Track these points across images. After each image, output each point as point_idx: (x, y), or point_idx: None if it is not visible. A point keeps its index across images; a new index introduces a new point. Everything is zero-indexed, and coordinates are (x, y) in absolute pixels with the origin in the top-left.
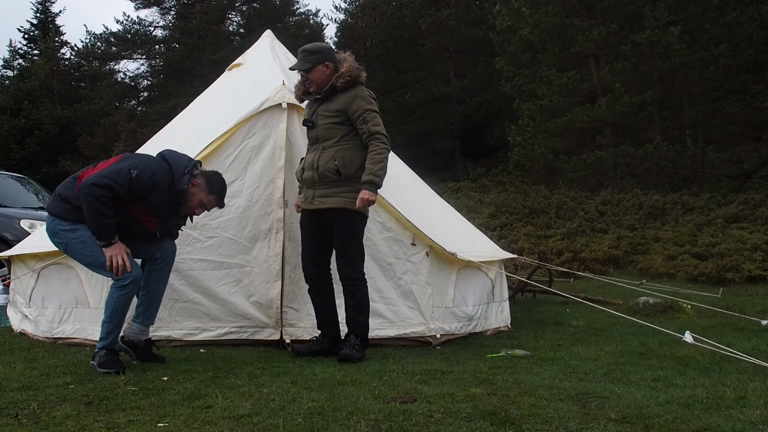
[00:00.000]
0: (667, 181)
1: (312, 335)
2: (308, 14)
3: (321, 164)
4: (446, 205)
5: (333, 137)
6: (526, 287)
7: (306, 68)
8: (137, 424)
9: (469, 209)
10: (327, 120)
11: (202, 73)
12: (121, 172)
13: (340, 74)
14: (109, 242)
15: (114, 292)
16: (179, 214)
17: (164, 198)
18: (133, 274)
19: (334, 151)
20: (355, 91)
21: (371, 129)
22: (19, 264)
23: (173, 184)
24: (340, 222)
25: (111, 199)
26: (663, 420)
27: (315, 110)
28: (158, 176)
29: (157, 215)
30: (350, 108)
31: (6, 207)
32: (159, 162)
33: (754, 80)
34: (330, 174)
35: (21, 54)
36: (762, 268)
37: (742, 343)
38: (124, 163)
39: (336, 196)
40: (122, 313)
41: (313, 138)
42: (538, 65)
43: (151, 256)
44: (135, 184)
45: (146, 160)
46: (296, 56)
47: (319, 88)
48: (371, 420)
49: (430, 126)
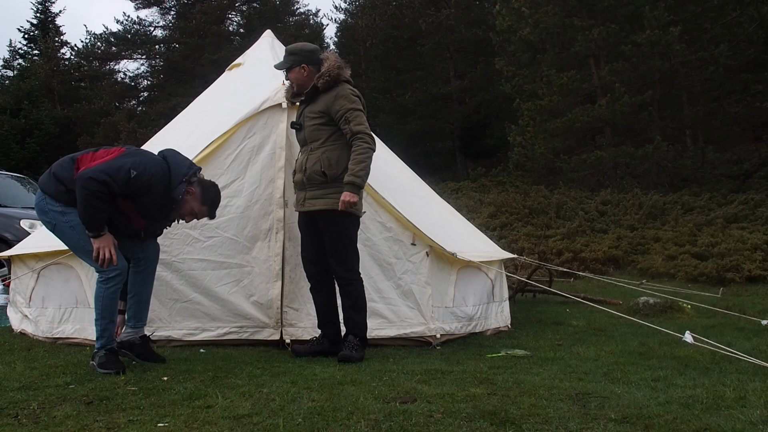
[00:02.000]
0: (667, 181)
1: (312, 335)
2: (308, 14)
3: (308, 166)
4: (446, 205)
5: (319, 138)
6: (526, 287)
7: (284, 68)
8: (137, 424)
9: (469, 209)
10: (312, 121)
11: (202, 73)
12: (121, 171)
13: (319, 75)
14: (98, 234)
15: (100, 287)
16: (168, 217)
17: (157, 201)
18: (119, 268)
19: (320, 153)
20: (336, 90)
21: (353, 129)
22: (19, 264)
23: (169, 190)
24: (330, 223)
25: (107, 194)
26: (663, 420)
27: (302, 112)
28: (156, 180)
29: (146, 216)
30: (332, 108)
31: (6, 207)
32: (159, 164)
33: (754, 80)
34: (317, 176)
35: (21, 54)
36: (762, 268)
37: (742, 343)
38: (125, 160)
39: (324, 197)
40: (112, 307)
41: (302, 140)
42: (538, 65)
43: (135, 256)
44: (132, 184)
45: (147, 160)
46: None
47: (300, 89)
48: (371, 420)
49: (430, 126)
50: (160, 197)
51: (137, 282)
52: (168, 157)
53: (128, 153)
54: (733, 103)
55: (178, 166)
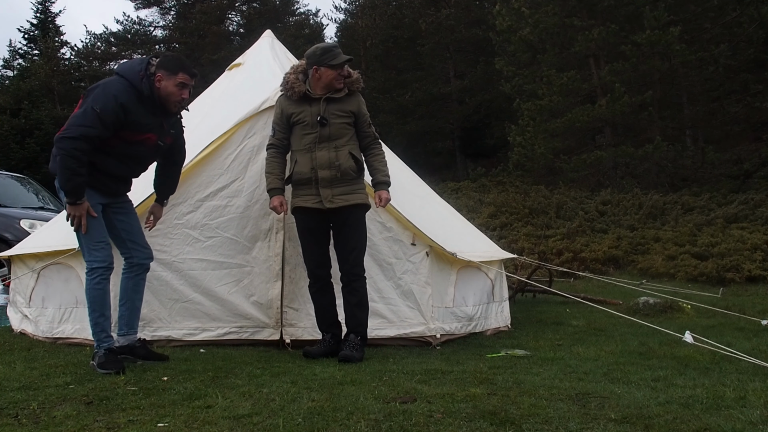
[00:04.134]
0: (667, 181)
1: (312, 335)
2: (308, 14)
3: (342, 162)
4: (446, 205)
5: (344, 136)
6: (526, 287)
7: (346, 60)
8: (137, 424)
9: (469, 209)
10: (341, 119)
11: (202, 73)
12: (87, 114)
13: (355, 79)
14: (74, 201)
15: (87, 280)
16: (169, 113)
17: (141, 110)
18: (103, 259)
19: (348, 150)
20: (359, 96)
21: (374, 133)
22: (19, 264)
23: (140, 94)
24: (354, 217)
25: (87, 150)
26: (663, 420)
27: (325, 109)
28: (122, 97)
29: (147, 129)
30: (360, 111)
31: (6, 207)
32: (116, 82)
33: (754, 80)
34: (352, 172)
35: (21, 54)
36: (762, 268)
37: (742, 343)
38: (86, 102)
39: (356, 192)
40: (101, 300)
41: (325, 136)
42: (538, 65)
43: (129, 259)
44: (105, 118)
45: (103, 89)
46: (296, 56)
47: (327, 88)
48: (371, 420)
49: (430, 126)
50: (140, 106)
51: (129, 288)
52: (120, 71)
53: (87, 94)
54: (733, 103)
55: (130, 69)
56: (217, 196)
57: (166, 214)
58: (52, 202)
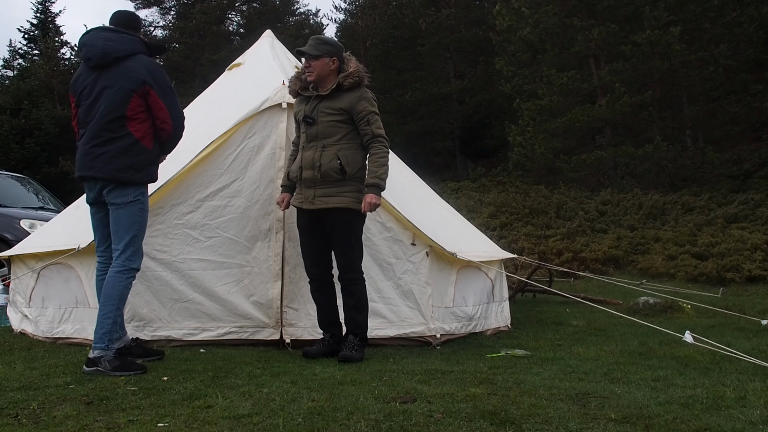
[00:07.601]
0: (667, 181)
1: (312, 335)
2: (308, 14)
3: (324, 163)
4: (446, 205)
5: (334, 135)
6: (526, 287)
7: (314, 55)
8: (137, 424)
9: (469, 209)
10: (330, 117)
11: (202, 73)
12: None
13: (348, 74)
14: None
15: (121, 280)
16: None
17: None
18: (140, 262)
19: (336, 150)
20: (360, 92)
21: (374, 131)
22: (19, 264)
23: (160, 66)
24: (341, 222)
25: None
26: (663, 420)
27: (315, 107)
28: (164, 74)
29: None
30: (355, 108)
31: (6, 207)
32: (151, 65)
33: (754, 80)
34: (334, 173)
35: (21, 54)
36: (762, 268)
37: (742, 343)
38: (170, 97)
39: (339, 195)
40: (125, 301)
41: (312, 135)
42: (538, 65)
43: (108, 256)
44: (174, 95)
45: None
46: (297, 56)
47: (317, 79)
48: (371, 420)
49: (430, 126)
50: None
51: None
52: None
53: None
54: (733, 103)
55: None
56: (217, 196)
57: (167, 214)
58: (52, 202)
